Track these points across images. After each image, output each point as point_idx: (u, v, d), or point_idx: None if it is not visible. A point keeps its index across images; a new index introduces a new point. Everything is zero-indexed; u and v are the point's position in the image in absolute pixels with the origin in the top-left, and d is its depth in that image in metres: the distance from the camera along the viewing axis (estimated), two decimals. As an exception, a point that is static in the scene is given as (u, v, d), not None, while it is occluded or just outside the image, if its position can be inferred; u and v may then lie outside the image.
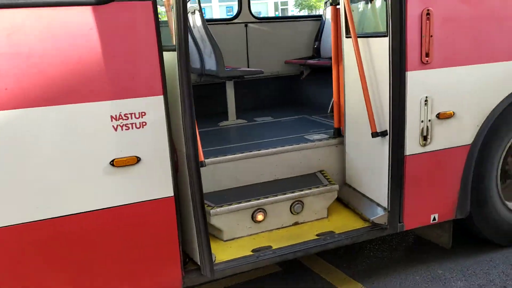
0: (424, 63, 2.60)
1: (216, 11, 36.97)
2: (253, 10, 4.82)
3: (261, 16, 6.16)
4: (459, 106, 2.75)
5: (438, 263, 3.09)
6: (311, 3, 36.91)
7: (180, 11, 2.07)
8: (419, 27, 2.54)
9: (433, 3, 2.55)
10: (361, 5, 3.02)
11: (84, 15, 1.95)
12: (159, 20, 2.07)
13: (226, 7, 35.88)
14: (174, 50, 2.14)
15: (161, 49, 2.10)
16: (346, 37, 3.00)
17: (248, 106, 4.57)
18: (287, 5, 42.24)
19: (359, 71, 2.74)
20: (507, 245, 3.20)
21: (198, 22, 3.97)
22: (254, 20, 4.80)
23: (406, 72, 2.57)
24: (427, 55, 2.59)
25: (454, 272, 2.99)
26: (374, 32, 2.81)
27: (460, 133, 2.81)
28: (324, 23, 4.85)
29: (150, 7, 2.05)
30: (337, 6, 3.10)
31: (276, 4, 39.68)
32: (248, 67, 4.78)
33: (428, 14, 2.54)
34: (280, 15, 40.53)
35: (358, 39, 2.76)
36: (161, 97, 2.14)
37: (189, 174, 2.25)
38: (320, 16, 5.02)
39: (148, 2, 2.04)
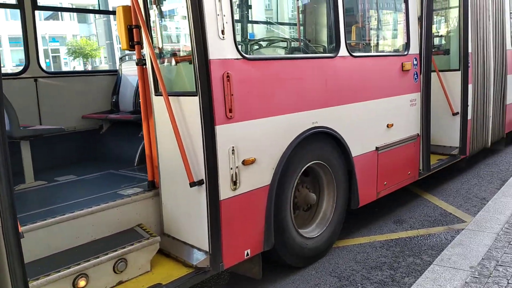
0: (229, 118, 2.97)
1: (7, 57, 31.72)
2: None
3: (52, 70, 5.82)
4: (259, 153, 3.21)
5: (254, 294, 3.44)
6: (86, 52, 35.88)
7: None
8: (222, 87, 2.92)
9: (231, 67, 2.97)
10: (167, 66, 3.25)
11: None
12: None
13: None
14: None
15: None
16: (156, 95, 3.18)
17: (45, 165, 4.24)
18: (58, 52, 40.01)
19: (172, 127, 2.94)
20: (303, 266, 3.78)
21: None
22: (44, 74, 4.54)
23: (215, 126, 2.89)
24: (230, 110, 2.97)
25: (267, 299, 3.38)
26: (184, 91, 3.08)
27: (261, 175, 3.26)
28: (121, 78, 4.93)
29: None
30: (143, 66, 3.26)
31: (46, 51, 37.13)
32: (41, 124, 4.46)
33: (228, 76, 2.94)
34: (51, 62, 38.08)
35: (169, 97, 2.98)
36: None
37: (8, 251, 2.02)
38: (116, 71, 5.07)
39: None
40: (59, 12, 39.94)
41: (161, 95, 3.02)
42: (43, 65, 4.69)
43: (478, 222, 4.07)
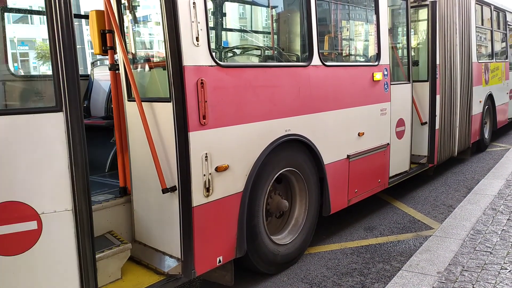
0: (202, 124, 2.97)
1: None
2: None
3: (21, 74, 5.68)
4: (232, 160, 3.22)
5: (225, 301, 3.43)
6: (57, 56, 35.05)
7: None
8: (196, 94, 2.92)
9: (205, 74, 2.98)
10: (140, 72, 3.23)
11: None
12: None
13: None
14: None
15: None
16: (129, 100, 3.16)
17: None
18: (28, 56, 39.02)
19: (145, 133, 2.92)
20: (275, 273, 3.79)
21: None
22: (13, 78, 4.43)
23: (188, 133, 2.88)
24: (204, 117, 2.97)
25: (239, 306, 3.37)
26: (157, 97, 3.06)
27: (234, 182, 3.27)
28: (93, 83, 4.86)
29: None
30: (116, 71, 3.23)
31: (13, 55, 36.14)
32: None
33: (202, 83, 2.94)
34: (19, 67, 37.09)
35: (142, 102, 2.96)
36: None
37: None
38: (88, 75, 5.00)
39: None
40: (29, 16, 39.04)
41: (134, 101, 3.00)
42: (12, 69, 4.57)
43: (445, 228, 4.18)
